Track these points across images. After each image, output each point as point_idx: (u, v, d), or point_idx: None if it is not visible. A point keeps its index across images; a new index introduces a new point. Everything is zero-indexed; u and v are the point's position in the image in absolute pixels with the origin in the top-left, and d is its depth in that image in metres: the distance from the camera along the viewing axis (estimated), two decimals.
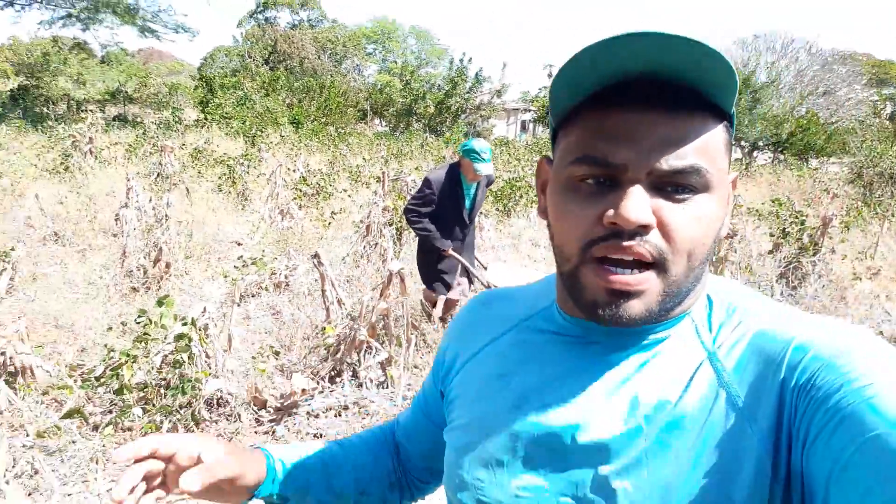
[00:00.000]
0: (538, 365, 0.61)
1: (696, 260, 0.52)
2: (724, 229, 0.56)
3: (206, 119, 17.33)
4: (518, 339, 0.66)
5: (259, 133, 14.26)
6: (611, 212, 0.50)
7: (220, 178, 8.47)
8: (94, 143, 9.61)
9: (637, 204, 0.49)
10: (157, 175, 8.39)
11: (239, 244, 6.17)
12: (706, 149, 0.51)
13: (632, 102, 0.51)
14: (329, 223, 6.94)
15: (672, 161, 0.50)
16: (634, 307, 0.52)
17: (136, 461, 0.60)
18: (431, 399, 0.78)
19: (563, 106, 0.54)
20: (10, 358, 2.99)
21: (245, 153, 10.11)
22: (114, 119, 19.61)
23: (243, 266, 4.48)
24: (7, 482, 2.20)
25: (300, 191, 7.71)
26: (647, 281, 0.51)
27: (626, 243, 0.50)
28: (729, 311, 0.57)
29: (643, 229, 0.50)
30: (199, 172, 9.10)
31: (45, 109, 18.40)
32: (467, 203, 3.86)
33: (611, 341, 0.58)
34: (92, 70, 26.38)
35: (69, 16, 20.73)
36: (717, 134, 0.52)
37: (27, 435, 2.64)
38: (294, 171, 9.18)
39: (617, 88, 0.51)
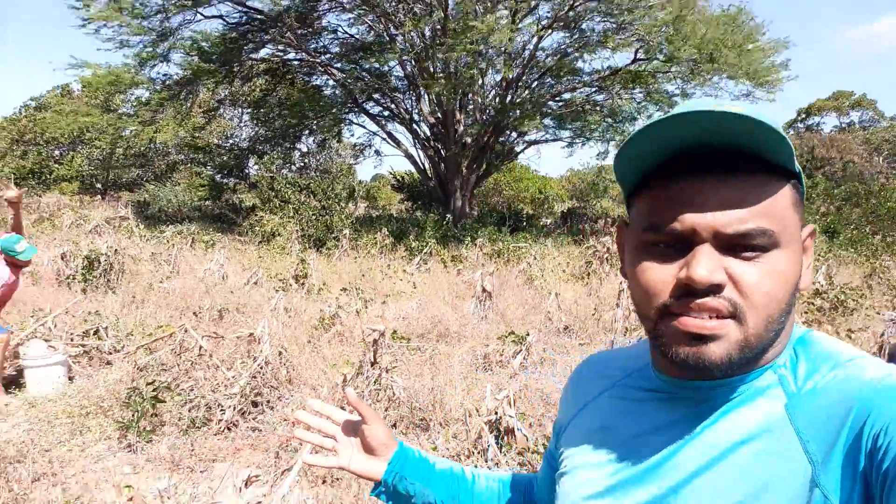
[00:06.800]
0: (634, 419, 0.65)
1: (773, 313, 0.53)
2: (805, 281, 0.57)
3: None
4: (617, 396, 0.70)
5: None
6: (683, 272, 0.53)
7: None
8: (610, 252, 10.33)
9: (707, 264, 0.51)
10: None
11: None
12: (771, 209, 0.52)
13: (692, 170, 0.54)
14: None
15: (736, 226, 0.52)
16: (714, 351, 0.52)
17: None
18: (551, 458, 0.83)
19: (630, 179, 0.59)
20: (500, 418, 3.66)
21: None
22: None
23: None
24: None
25: (812, 304, 6.80)
26: (725, 326, 0.52)
27: (700, 301, 0.52)
28: (816, 362, 0.56)
29: (716, 288, 0.52)
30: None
31: (587, 226, 20.26)
32: None
33: (698, 395, 0.59)
34: None
35: None
36: (781, 192, 0.54)
37: None
38: (813, 283, 7.97)
39: (678, 158, 0.55)
